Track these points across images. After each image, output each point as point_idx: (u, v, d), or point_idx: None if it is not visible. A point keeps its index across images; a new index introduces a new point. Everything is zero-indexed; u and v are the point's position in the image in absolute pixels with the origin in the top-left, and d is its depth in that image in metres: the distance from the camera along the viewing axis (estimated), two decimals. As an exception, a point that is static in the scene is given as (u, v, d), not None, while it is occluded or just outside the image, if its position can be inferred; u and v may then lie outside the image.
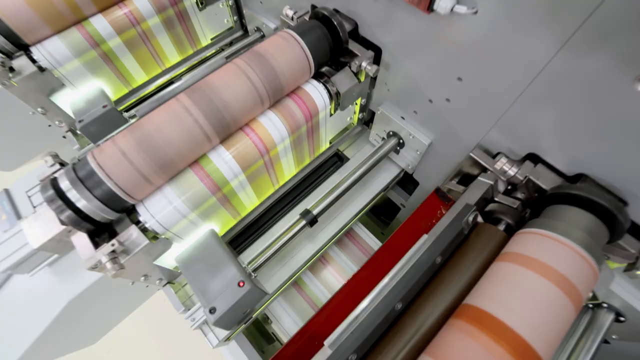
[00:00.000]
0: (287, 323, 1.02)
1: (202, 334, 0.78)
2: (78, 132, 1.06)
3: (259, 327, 1.28)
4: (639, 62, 0.42)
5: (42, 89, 0.92)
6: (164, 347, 1.70)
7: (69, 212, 0.56)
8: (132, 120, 0.72)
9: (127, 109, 1.12)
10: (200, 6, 1.10)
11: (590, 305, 0.75)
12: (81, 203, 0.56)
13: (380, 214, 1.51)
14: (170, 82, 1.18)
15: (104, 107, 0.91)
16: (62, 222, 0.57)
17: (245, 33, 1.28)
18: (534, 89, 0.55)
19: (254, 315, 0.87)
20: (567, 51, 0.47)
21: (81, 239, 0.57)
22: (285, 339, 1.02)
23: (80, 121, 0.89)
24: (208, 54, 1.23)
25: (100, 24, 0.95)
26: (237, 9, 1.20)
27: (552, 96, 0.53)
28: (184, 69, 1.20)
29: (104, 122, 0.90)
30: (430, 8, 0.56)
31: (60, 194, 0.56)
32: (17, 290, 0.73)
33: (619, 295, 0.67)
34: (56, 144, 1.10)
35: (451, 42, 0.61)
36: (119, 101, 1.12)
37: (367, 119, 1.04)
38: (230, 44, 1.28)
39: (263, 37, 1.18)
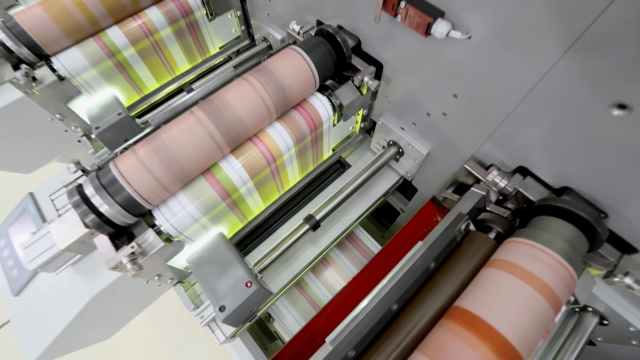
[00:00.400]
0: (289, 321, 1.07)
1: (204, 331, 0.82)
2: (92, 136, 1.11)
3: (261, 326, 1.33)
4: (613, 90, 0.46)
5: (61, 97, 0.98)
6: (169, 344, 1.76)
7: (92, 216, 0.61)
8: (147, 129, 0.77)
9: (139, 115, 1.17)
10: (210, 17, 1.15)
11: (577, 309, 0.80)
12: (104, 208, 0.61)
13: (380, 217, 1.55)
14: (180, 89, 1.23)
15: (119, 114, 0.96)
16: (86, 225, 0.62)
17: (252, 41, 1.33)
18: (523, 109, 0.59)
19: (258, 314, 0.91)
20: (551, 76, 0.52)
21: (103, 241, 0.62)
22: (286, 337, 1.07)
23: (96, 128, 0.93)
24: (216, 62, 1.28)
25: (115, 35, 1.00)
26: (245, 19, 1.25)
27: (539, 116, 0.58)
28: (193, 76, 1.25)
29: (119, 129, 0.95)
30: (427, 32, 0.60)
31: (85, 200, 0.61)
32: (43, 287, 0.78)
33: (602, 301, 0.72)
34: (71, 148, 1.15)
35: (447, 62, 0.65)
36: (131, 107, 1.17)
37: (369, 128, 1.08)
38: (238, 52, 1.33)
39: (270, 47, 1.22)
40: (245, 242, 0.96)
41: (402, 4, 0.61)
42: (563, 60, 0.49)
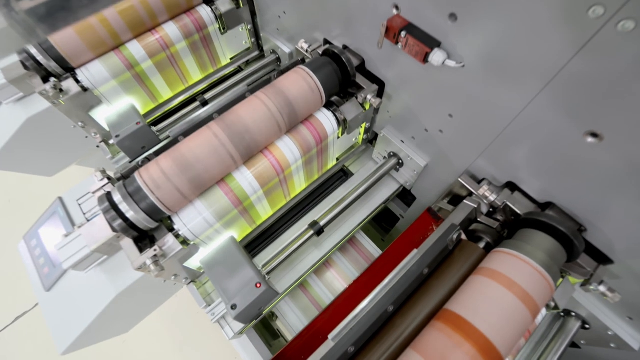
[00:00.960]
0: (292, 320, 1.13)
1: (209, 327, 0.88)
2: (110, 142, 1.18)
3: (265, 324, 1.39)
4: (587, 120, 0.52)
5: (84, 106, 1.05)
6: (177, 340, 1.83)
7: (120, 221, 0.67)
8: (165, 141, 0.83)
9: (154, 123, 1.24)
10: (222, 31, 1.21)
11: (562, 314, 0.86)
12: (130, 214, 0.68)
13: (381, 221, 1.61)
14: (192, 98, 1.29)
15: (137, 124, 1.02)
16: (114, 230, 0.68)
17: (261, 52, 1.39)
18: (511, 131, 0.65)
19: (264, 312, 0.98)
20: (534, 105, 0.58)
21: (129, 244, 0.68)
22: (288, 335, 1.13)
23: (117, 136, 1.00)
24: (227, 72, 1.35)
25: (135, 48, 1.07)
26: (255, 32, 1.31)
27: (525, 138, 0.64)
28: (204, 85, 1.31)
29: (137, 137, 1.01)
30: (425, 60, 0.66)
31: (114, 206, 0.68)
32: (72, 285, 0.85)
33: (584, 307, 0.78)
34: (89, 152, 1.23)
35: (443, 85, 0.71)
36: (146, 115, 1.24)
37: (371, 138, 1.14)
38: (247, 62, 1.40)
39: (278, 59, 1.29)
40: (254, 245, 1.03)
41: (403, 34, 0.67)
42: (543, 92, 0.55)
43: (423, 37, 0.65)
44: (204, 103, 1.22)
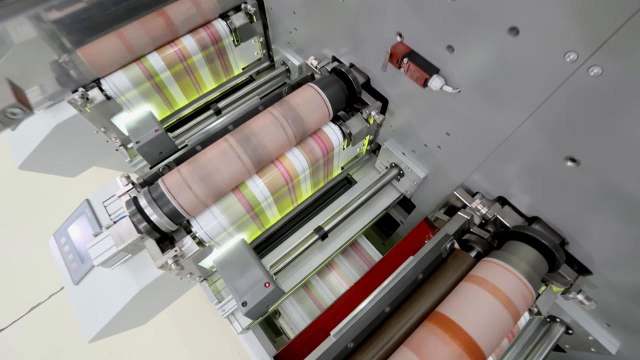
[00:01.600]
0: (295, 318, 1.20)
1: (212, 325, 0.93)
2: (129, 146, 1.26)
3: (268, 321, 1.46)
4: (567, 147, 0.58)
5: (106, 113, 1.12)
6: (183, 335, 1.91)
7: (145, 224, 0.75)
8: (182, 149, 0.91)
9: (169, 128, 1.32)
10: (236, 43, 1.28)
11: (548, 320, 0.92)
12: (154, 217, 0.75)
13: (382, 226, 1.67)
14: (206, 106, 1.37)
15: (156, 131, 1.10)
16: (139, 231, 0.76)
17: (272, 63, 1.47)
18: (502, 150, 0.72)
19: (269, 310, 1.05)
20: (522, 130, 0.64)
21: (152, 245, 0.76)
22: (289, 332, 1.20)
23: (137, 142, 1.08)
24: (239, 81, 1.42)
25: (155, 60, 1.14)
26: (267, 44, 1.38)
27: (514, 158, 0.70)
28: (218, 94, 1.39)
29: (156, 143, 1.09)
30: (425, 85, 0.73)
31: (140, 210, 0.75)
32: (99, 280, 0.93)
33: (568, 313, 0.84)
34: (109, 155, 1.31)
35: (441, 107, 0.78)
36: (162, 121, 1.31)
37: (374, 149, 1.21)
38: (258, 72, 1.47)
39: (288, 70, 1.36)
40: (262, 246, 1.10)
41: (405, 60, 0.73)
42: (530, 120, 0.61)
43: (423, 64, 0.72)
44: (218, 112, 1.29)
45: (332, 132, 0.94)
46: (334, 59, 1.05)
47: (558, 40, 0.49)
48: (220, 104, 1.31)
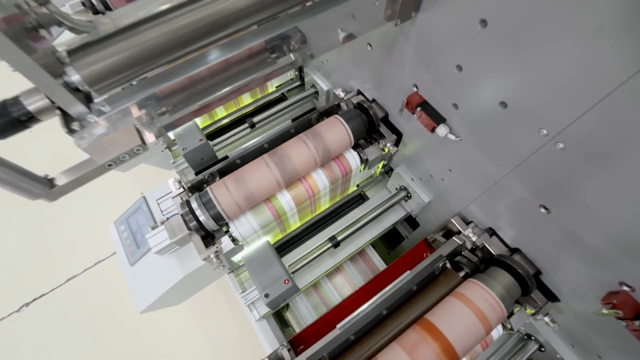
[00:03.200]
0: (303, 312, 1.36)
1: (225, 313, 1.05)
2: (173, 149, 1.45)
3: (276, 314, 1.63)
4: (540, 197, 0.72)
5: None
6: (197, 320, 2.11)
7: (194, 223, 0.93)
8: (223, 161, 1.08)
9: (208, 136, 1.50)
10: (273, 66, 1.46)
11: (525, 337, 1.06)
12: (202, 218, 0.93)
13: (389, 237, 1.82)
14: (242, 117, 1.55)
15: (200, 141, 1.28)
16: (188, 228, 0.94)
17: (302, 83, 1.63)
18: (493, 191, 0.86)
19: (283, 303, 1.21)
20: (507, 178, 0.78)
21: (198, 240, 0.93)
22: (295, 325, 1.36)
23: (184, 149, 1.26)
24: (272, 98, 1.60)
25: (204, 78, 1.32)
26: (299, 67, 1.55)
27: (503, 199, 0.84)
28: (252, 108, 1.57)
29: (199, 151, 1.27)
30: (433, 131, 0.87)
31: (191, 211, 0.93)
32: (151, 264, 1.12)
33: (541, 333, 0.98)
34: (154, 155, 1.51)
35: (446, 148, 0.92)
36: (203, 129, 1.50)
37: (387, 170, 1.36)
38: (289, 90, 1.64)
39: (316, 92, 1.52)
40: (282, 247, 1.27)
41: (418, 109, 0.89)
42: (514, 171, 0.75)
43: (433, 114, 0.87)
44: (252, 125, 1.47)
45: (352, 158, 1.10)
46: (359, 92, 1.20)
47: (536, 118, 0.63)
48: (255, 119, 1.48)
